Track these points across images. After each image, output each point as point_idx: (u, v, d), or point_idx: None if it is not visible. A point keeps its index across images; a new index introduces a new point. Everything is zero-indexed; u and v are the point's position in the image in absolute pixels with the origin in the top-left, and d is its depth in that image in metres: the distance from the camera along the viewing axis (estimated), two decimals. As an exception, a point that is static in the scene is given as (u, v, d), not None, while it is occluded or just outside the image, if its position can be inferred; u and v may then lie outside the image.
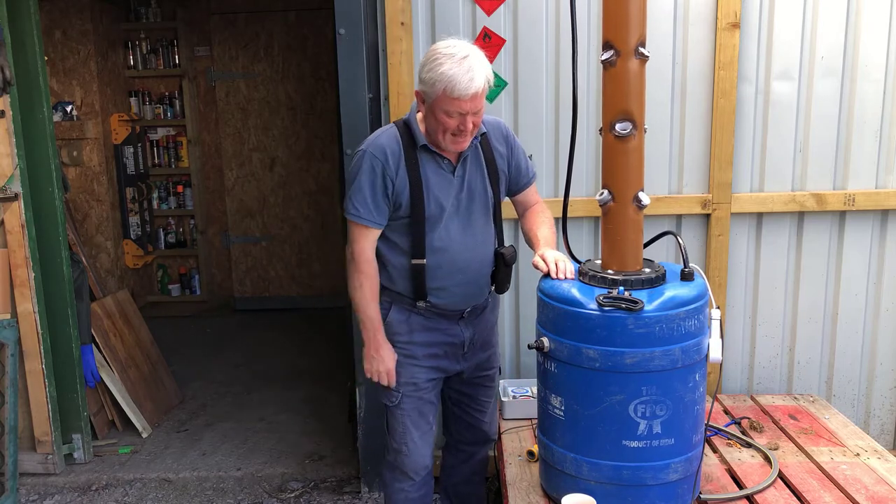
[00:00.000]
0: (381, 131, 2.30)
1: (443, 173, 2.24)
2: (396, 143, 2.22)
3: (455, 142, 2.16)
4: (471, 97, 2.06)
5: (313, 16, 5.64)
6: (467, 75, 2.03)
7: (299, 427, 3.93)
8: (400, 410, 2.38)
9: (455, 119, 2.10)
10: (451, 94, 2.04)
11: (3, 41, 3.09)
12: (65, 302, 3.43)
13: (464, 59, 2.06)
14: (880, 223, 3.00)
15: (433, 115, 2.13)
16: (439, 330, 2.35)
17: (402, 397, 2.37)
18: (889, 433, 3.17)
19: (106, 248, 5.47)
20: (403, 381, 2.36)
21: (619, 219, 2.08)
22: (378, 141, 2.25)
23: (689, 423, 2.04)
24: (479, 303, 2.37)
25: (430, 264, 2.25)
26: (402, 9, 2.83)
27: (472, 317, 2.38)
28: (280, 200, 5.93)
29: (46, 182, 3.35)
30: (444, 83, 2.04)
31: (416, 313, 2.33)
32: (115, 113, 5.50)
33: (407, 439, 2.40)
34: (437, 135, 2.16)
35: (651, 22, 2.33)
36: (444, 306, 2.31)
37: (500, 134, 2.36)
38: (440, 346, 2.36)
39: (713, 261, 2.98)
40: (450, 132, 2.13)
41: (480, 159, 2.30)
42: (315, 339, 5.25)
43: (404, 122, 2.27)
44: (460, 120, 2.10)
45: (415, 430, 2.39)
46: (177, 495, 3.31)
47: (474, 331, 2.39)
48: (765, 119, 2.92)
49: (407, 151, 2.21)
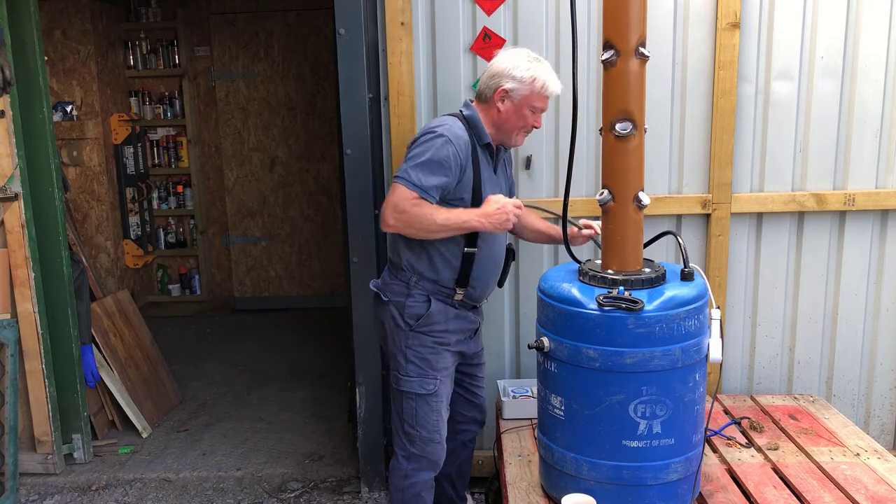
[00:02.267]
0: (453, 122, 2.38)
1: (490, 169, 2.44)
2: (468, 135, 2.37)
3: (523, 138, 2.44)
4: (556, 96, 2.40)
5: (313, 16, 5.64)
6: (556, 78, 2.36)
7: (299, 427, 3.93)
8: (436, 398, 2.46)
9: (535, 116, 2.37)
10: (545, 91, 2.32)
11: (3, 41, 3.09)
12: (65, 302, 3.43)
13: (547, 65, 2.37)
14: (880, 223, 3.00)
15: (518, 112, 2.35)
16: (463, 318, 2.50)
17: (439, 384, 2.46)
18: (889, 433, 3.17)
19: (106, 248, 5.47)
20: (441, 366, 2.46)
21: (619, 219, 2.08)
22: (456, 130, 2.35)
23: (689, 423, 2.04)
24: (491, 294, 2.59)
25: (481, 254, 2.41)
26: (402, 9, 2.83)
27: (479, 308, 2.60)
28: (280, 200, 5.93)
29: (46, 182, 3.35)
30: (543, 80, 2.31)
31: (449, 304, 2.45)
32: (115, 113, 5.51)
33: (440, 427, 2.49)
34: (513, 132, 2.39)
35: (651, 22, 2.34)
36: (475, 296, 2.49)
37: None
38: (465, 332, 2.52)
39: (713, 261, 2.98)
40: (524, 130, 2.39)
41: (505, 161, 2.55)
42: (315, 339, 5.25)
43: (465, 118, 2.40)
44: (537, 117, 2.38)
45: (442, 417, 2.50)
46: (177, 495, 3.31)
47: (480, 319, 2.61)
48: (765, 119, 2.92)
49: (472, 146, 2.37)
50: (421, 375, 2.44)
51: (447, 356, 2.48)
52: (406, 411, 2.46)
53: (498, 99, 2.34)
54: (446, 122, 2.36)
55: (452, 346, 2.49)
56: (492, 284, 2.52)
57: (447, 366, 2.49)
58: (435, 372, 2.44)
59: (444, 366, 2.47)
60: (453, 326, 2.46)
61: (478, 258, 2.40)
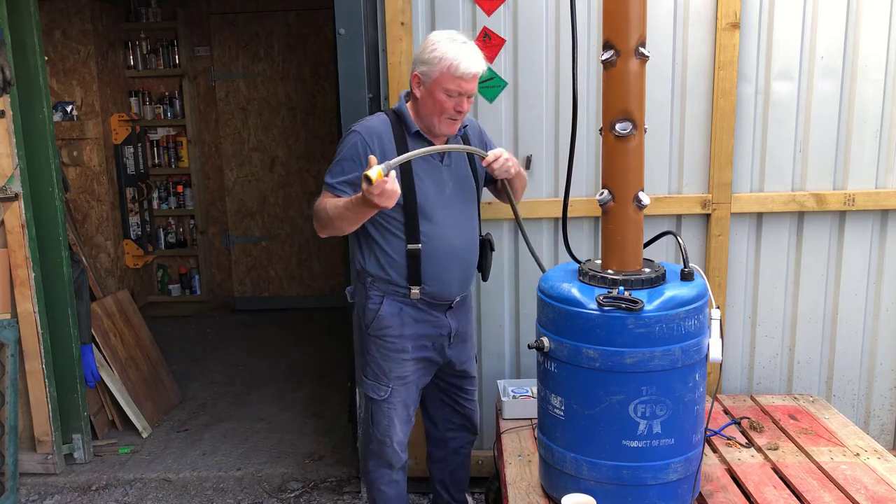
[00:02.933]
0: (374, 117, 2.37)
1: (432, 161, 2.33)
2: (387, 128, 2.30)
3: (449, 124, 2.27)
4: (472, 77, 2.19)
5: (313, 16, 5.64)
6: (470, 56, 2.19)
7: (299, 427, 3.93)
8: (388, 404, 2.45)
9: (453, 100, 2.21)
10: (455, 71, 2.17)
11: (3, 41, 3.09)
12: (65, 302, 3.43)
13: (464, 44, 2.22)
14: (880, 223, 3.00)
15: (432, 96, 2.22)
16: (429, 322, 2.41)
17: (391, 391, 2.44)
18: (889, 433, 3.17)
19: (106, 248, 5.47)
20: (394, 375, 2.42)
21: (619, 219, 2.08)
22: (370, 123, 2.32)
23: (689, 422, 2.04)
24: (466, 292, 2.48)
25: (426, 250, 2.31)
26: (402, 9, 2.83)
27: (458, 308, 2.47)
28: (280, 200, 5.93)
29: (46, 182, 3.35)
30: (450, 60, 2.17)
31: (408, 305, 2.37)
32: (115, 113, 5.51)
33: (391, 432, 2.47)
34: (432, 118, 2.25)
35: (651, 22, 2.33)
36: (438, 294, 2.37)
37: (476, 130, 2.51)
38: (428, 338, 2.43)
39: (713, 261, 2.98)
40: (446, 115, 2.22)
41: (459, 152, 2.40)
42: (315, 339, 5.25)
43: (394, 110, 2.34)
44: (457, 101, 2.21)
45: (398, 423, 2.47)
46: (177, 495, 3.31)
47: (458, 322, 2.48)
48: (765, 119, 2.92)
49: (398, 138, 2.28)
50: (374, 380, 2.45)
51: (405, 365, 2.42)
52: (365, 411, 2.52)
53: (414, 85, 2.27)
54: (368, 118, 2.38)
55: (410, 354, 2.41)
56: (455, 280, 2.39)
57: (404, 374, 2.43)
58: (387, 380, 2.42)
59: (400, 375, 2.42)
60: (411, 332, 2.39)
61: (425, 253, 2.31)
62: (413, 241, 2.31)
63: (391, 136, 2.29)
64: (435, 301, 2.39)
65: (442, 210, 2.33)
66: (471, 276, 2.47)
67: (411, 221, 2.30)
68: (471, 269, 2.45)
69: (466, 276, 2.45)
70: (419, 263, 2.32)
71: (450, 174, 2.36)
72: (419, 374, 2.49)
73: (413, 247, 2.31)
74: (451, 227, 2.35)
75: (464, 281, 2.44)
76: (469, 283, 2.48)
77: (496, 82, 2.90)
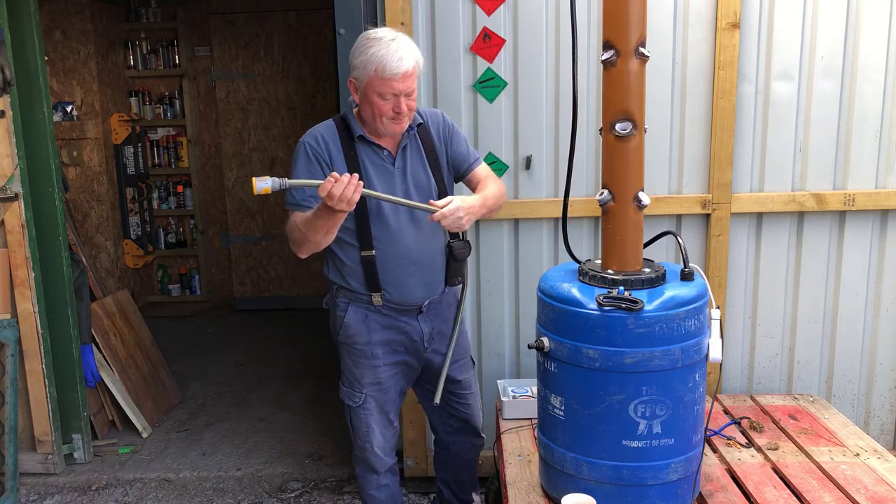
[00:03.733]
0: (320, 124, 2.32)
1: (383, 164, 2.27)
2: (333, 133, 2.26)
3: (393, 124, 2.18)
4: (402, 76, 2.10)
5: (313, 16, 5.64)
6: (396, 55, 2.09)
7: (299, 427, 3.93)
8: (363, 410, 2.43)
9: (389, 102, 2.14)
10: (383, 74, 2.09)
11: (3, 41, 3.09)
12: (65, 302, 3.43)
13: (392, 42, 2.11)
14: (880, 223, 3.00)
15: (367, 100, 2.16)
16: (397, 328, 2.37)
17: (365, 398, 2.41)
18: (889, 433, 3.17)
19: (106, 248, 5.47)
20: (367, 381, 2.40)
21: (619, 219, 2.08)
22: (314, 132, 2.28)
23: (689, 422, 2.04)
24: (435, 295, 2.38)
25: (381, 256, 2.26)
26: (402, 9, 2.83)
27: (431, 311, 2.40)
28: (280, 200, 5.88)
29: (46, 182, 3.35)
30: (375, 64, 2.09)
31: (373, 311, 2.34)
32: (115, 113, 5.51)
33: (371, 437, 2.45)
34: (374, 121, 2.19)
35: (651, 22, 2.34)
36: (401, 300, 2.33)
37: (436, 123, 2.38)
38: (400, 343, 2.39)
39: (713, 261, 2.98)
40: (386, 116, 2.16)
41: (420, 150, 2.33)
42: (315, 339, 5.24)
43: (340, 116, 2.30)
44: (394, 102, 2.14)
45: (377, 428, 2.45)
46: (177, 495, 3.31)
47: (432, 325, 2.42)
48: (765, 119, 2.92)
49: (344, 143, 2.24)
50: (349, 387, 2.43)
51: (378, 371, 2.38)
52: (346, 417, 2.49)
53: (352, 91, 2.22)
54: (315, 126, 2.31)
55: (382, 360, 2.37)
56: (416, 286, 2.32)
57: (378, 380, 2.40)
58: (361, 386, 2.40)
59: (373, 381, 2.39)
60: (379, 338, 2.35)
61: (380, 260, 2.26)
62: (366, 247, 2.27)
63: (337, 141, 2.24)
64: (400, 307, 2.34)
65: (395, 214, 2.26)
66: (438, 281, 2.37)
67: (362, 227, 2.25)
68: (434, 274, 2.36)
69: (431, 281, 2.35)
70: (375, 270, 2.27)
71: (403, 177, 2.28)
72: (396, 379, 2.44)
73: (367, 253, 2.27)
74: (406, 232, 2.26)
75: (429, 285, 2.35)
76: (437, 288, 2.38)
77: (496, 82, 2.90)
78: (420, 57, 2.17)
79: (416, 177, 2.31)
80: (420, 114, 2.33)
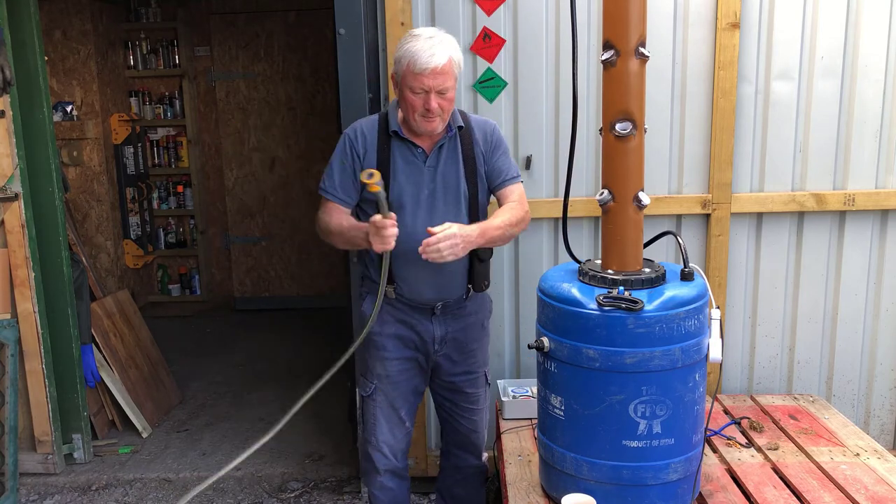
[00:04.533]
0: (365, 117, 2.40)
1: (414, 161, 2.29)
2: (372, 126, 2.30)
3: (425, 122, 2.19)
4: (431, 72, 2.11)
5: (313, 16, 5.64)
6: (429, 50, 2.11)
7: (299, 427, 3.92)
8: (372, 401, 2.44)
9: (420, 97, 2.15)
10: (414, 68, 2.12)
11: (3, 41, 3.09)
12: (65, 302, 3.43)
13: (429, 38, 2.15)
14: (880, 223, 3.00)
15: (402, 95, 2.20)
16: (409, 324, 2.38)
17: (374, 388, 2.43)
18: (889, 433, 3.17)
19: (106, 248, 5.47)
20: (377, 372, 2.42)
21: (619, 219, 2.08)
22: (356, 124, 2.35)
23: (689, 422, 2.04)
24: (450, 299, 2.36)
25: (396, 250, 2.22)
26: (402, 9, 2.83)
27: (446, 314, 2.38)
28: (280, 200, 5.93)
29: (46, 182, 3.35)
30: (408, 58, 2.13)
31: (387, 303, 2.35)
32: (115, 113, 5.51)
33: (376, 430, 2.45)
34: (409, 116, 2.22)
35: (651, 22, 2.34)
36: (412, 297, 2.34)
37: (484, 132, 2.36)
38: (410, 339, 2.40)
39: (713, 261, 2.98)
40: (418, 113, 2.18)
41: (458, 153, 2.32)
42: (315, 339, 5.24)
43: (386, 110, 2.35)
44: (424, 98, 2.15)
45: (385, 423, 2.44)
46: (177, 495, 3.31)
47: (447, 329, 2.39)
48: (765, 119, 2.92)
49: (381, 136, 2.28)
50: (363, 376, 2.47)
51: (387, 364, 2.40)
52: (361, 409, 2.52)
53: (393, 85, 2.27)
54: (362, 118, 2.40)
55: (391, 353, 2.38)
56: (424, 284, 2.31)
57: (387, 374, 2.41)
58: (372, 376, 2.43)
59: (382, 373, 2.41)
60: (390, 331, 2.37)
61: (395, 253, 2.21)
62: None
63: (375, 134, 2.29)
64: (412, 303, 2.35)
65: (416, 210, 2.27)
66: (451, 284, 2.34)
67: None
68: (448, 277, 2.32)
69: (443, 282, 2.32)
70: (390, 263, 2.24)
71: (433, 176, 2.28)
72: (407, 375, 2.43)
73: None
74: (421, 229, 2.21)
75: (441, 287, 2.32)
76: (450, 291, 2.35)
77: (496, 82, 2.90)
78: (458, 56, 2.19)
79: (446, 177, 2.30)
80: (465, 118, 2.34)
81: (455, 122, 2.29)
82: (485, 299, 2.51)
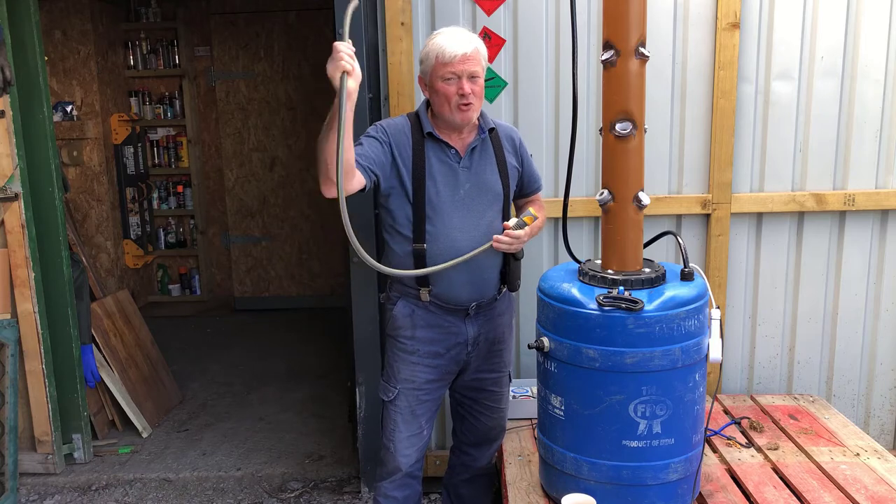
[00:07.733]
0: (390, 118, 2.41)
1: (448, 163, 2.29)
2: (406, 124, 2.31)
3: (460, 112, 2.20)
4: (461, 58, 2.15)
5: (313, 16, 5.64)
6: (455, 40, 2.17)
7: (299, 427, 3.93)
8: (394, 406, 2.41)
9: (453, 84, 2.18)
10: (443, 58, 2.16)
11: (3, 41, 3.09)
12: (65, 302, 3.43)
13: (453, 32, 2.21)
14: (880, 223, 3.00)
15: (434, 90, 2.22)
16: (442, 327, 2.35)
17: (398, 393, 2.40)
18: (889, 433, 3.17)
19: (106, 248, 5.47)
20: (402, 377, 2.39)
21: (619, 219, 2.08)
22: (391, 120, 2.36)
23: (689, 422, 2.04)
24: (485, 299, 2.36)
25: (431, 251, 2.26)
26: (402, 9, 2.83)
27: (480, 315, 2.37)
28: (280, 200, 5.93)
29: (46, 182, 3.35)
30: (436, 51, 2.18)
31: (420, 307, 2.34)
32: (115, 113, 5.51)
33: (394, 437, 2.42)
34: (443, 111, 2.23)
35: (651, 22, 2.34)
36: (447, 298, 2.32)
37: (511, 139, 2.42)
38: (443, 344, 2.36)
39: (713, 261, 2.98)
40: (453, 101, 2.19)
41: (490, 153, 2.34)
42: (315, 339, 5.25)
43: (415, 113, 2.36)
44: (458, 84, 2.17)
45: (404, 429, 2.41)
46: (177, 495, 3.31)
47: (480, 330, 2.39)
48: (765, 119, 2.92)
49: (415, 137, 2.29)
50: (386, 381, 2.44)
51: (415, 369, 2.36)
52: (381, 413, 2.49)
53: (422, 89, 2.30)
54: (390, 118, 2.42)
55: (420, 358, 2.36)
56: (462, 285, 2.30)
57: (412, 378, 2.37)
58: (396, 381, 2.39)
59: (408, 377, 2.37)
60: (422, 335, 2.34)
61: (430, 254, 2.25)
62: (419, 240, 2.27)
63: (409, 135, 2.29)
64: (447, 305, 2.32)
65: (452, 211, 2.27)
66: (487, 284, 2.34)
67: (418, 222, 2.27)
68: (485, 276, 2.32)
69: (480, 282, 2.32)
70: (423, 264, 2.26)
71: (467, 176, 2.29)
72: (434, 386, 2.40)
73: (418, 246, 2.27)
74: (460, 230, 2.27)
75: (477, 287, 2.32)
76: (487, 292, 2.34)
77: (496, 82, 2.91)
78: (483, 48, 2.23)
79: (480, 177, 2.31)
80: (496, 123, 2.38)
81: (486, 124, 2.33)
82: (511, 298, 2.51)
